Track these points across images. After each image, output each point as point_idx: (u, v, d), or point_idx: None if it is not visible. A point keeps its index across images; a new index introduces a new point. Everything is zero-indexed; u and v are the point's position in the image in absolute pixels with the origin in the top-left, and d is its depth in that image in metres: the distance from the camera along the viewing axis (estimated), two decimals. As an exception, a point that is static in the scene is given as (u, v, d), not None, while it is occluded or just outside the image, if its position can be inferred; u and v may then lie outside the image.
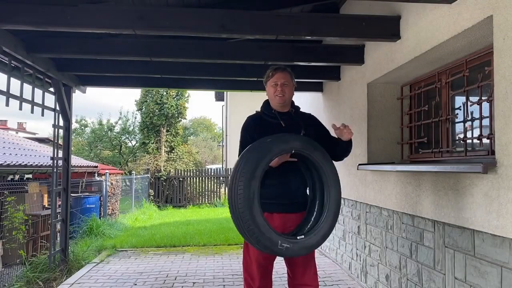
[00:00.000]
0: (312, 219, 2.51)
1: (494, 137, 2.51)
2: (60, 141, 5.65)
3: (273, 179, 2.57)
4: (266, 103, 2.77)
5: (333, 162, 2.57)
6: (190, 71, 4.93)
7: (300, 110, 2.82)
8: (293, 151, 2.41)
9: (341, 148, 2.72)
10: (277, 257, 2.66)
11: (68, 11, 3.10)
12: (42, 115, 4.96)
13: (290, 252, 2.30)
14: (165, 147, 17.68)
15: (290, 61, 4.21)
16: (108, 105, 67.42)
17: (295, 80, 2.78)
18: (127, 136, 24.49)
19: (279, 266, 2.72)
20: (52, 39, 3.99)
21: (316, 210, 2.54)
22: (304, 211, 2.70)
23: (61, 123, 5.43)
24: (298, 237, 2.36)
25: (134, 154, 21.74)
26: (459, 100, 3.16)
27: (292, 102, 2.76)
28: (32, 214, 6.59)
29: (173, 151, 17.94)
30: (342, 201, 5.00)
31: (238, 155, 2.63)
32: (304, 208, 2.70)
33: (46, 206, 7.95)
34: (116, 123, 24.52)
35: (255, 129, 2.65)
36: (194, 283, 4.67)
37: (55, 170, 5.26)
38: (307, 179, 2.65)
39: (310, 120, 2.80)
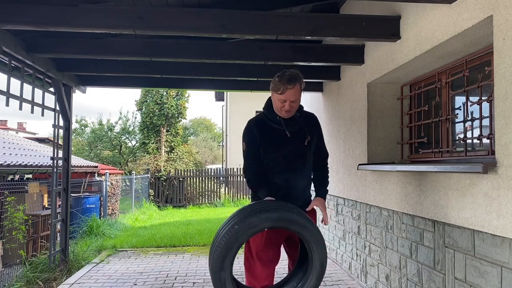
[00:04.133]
0: (296, 279, 2.48)
1: (494, 137, 2.51)
2: (60, 141, 5.65)
3: (280, 180, 2.55)
4: (270, 106, 2.63)
5: (315, 225, 2.38)
6: (190, 71, 4.93)
7: (304, 109, 2.72)
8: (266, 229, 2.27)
9: (315, 179, 2.78)
10: (281, 256, 2.65)
11: (68, 11, 3.10)
12: (42, 115, 4.96)
13: None
14: (165, 147, 17.67)
15: (290, 61, 4.21)
16: (107, 108, 67.51)
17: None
18: (127, 136, 24.46)
19: (279, 266, 2.71)
20: (52, 39, 3.99)
21: (301, 273, 2.50)
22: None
23: (61, 123, 5.43)
24: None
25: (134, 154, 21.73)
26: (459, 100, 3.16)
27: None
28: (32, 214, 6.59)
29: (173, 151, 17.94)
30: (342, 201, 5.01)
31: (245, 164, 2.59)
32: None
33: (46, 206, 7.96)
34: (116, 123, 24.51)
35: (259, 135, 2.57)
36: (194, 283, 4.67)
37: (55, 170, 5.26)
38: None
39: (313, 125, 2.72)
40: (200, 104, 79.05)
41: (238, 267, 5.35)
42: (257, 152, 2.58)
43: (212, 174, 16.08)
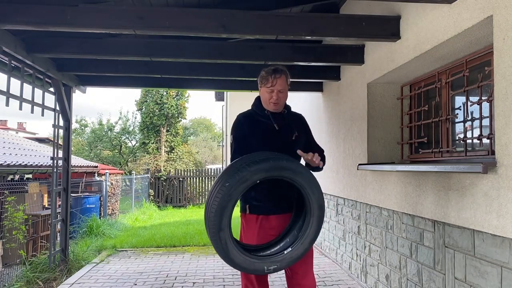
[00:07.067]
0: (297, 228, 2.44)
1: (494, 137, 2.51)
2: (60, 141, 5.65)
3: (268, 181, 2.55)
4: (258, 102, 2.69)
5: (307, 169, 2.39)
6: (190, 71, 4.93)
7: (291, 109, 2.76)
8: (258, 181, 2.21)
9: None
10: None
11: (68, 11, 3.10)
12: (42, 115, 4.97)
13: (280, 268, 2.33)
14: (165, 147, 17.69)
15: (290, 61, 4.21)
16: (107, 109, 67.51)
17: (292, 79, 2.72)
18: (127, 136, 24.47)
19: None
20: (52, 39, 3.99)
21: (300, 219, 2.46)
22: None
23: (61, 123, 5.43)
24: (285, 251, 2.34)
25: (134, 154, 21.73)
26: (459, 100, 3.16)
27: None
28: (32, 214, 6.59)
29: (173, 151, 17.96)
30: (342, 201, 5.01)
31: (231, 160, 2.56)
32: None
33: (46, 206, 7.96)
34: (116, 123, 24.53)
35: (248, 129, 2.59)
36: (194, 283, 4.67)
37: (55, 170, 5.26)
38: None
39: (300, 122, 2.75)
40: (200, 104, 79.09)
41: (238, 267, 5.35)
42: (244, 146, 2.54)
43: (212, 174, 16.09)
